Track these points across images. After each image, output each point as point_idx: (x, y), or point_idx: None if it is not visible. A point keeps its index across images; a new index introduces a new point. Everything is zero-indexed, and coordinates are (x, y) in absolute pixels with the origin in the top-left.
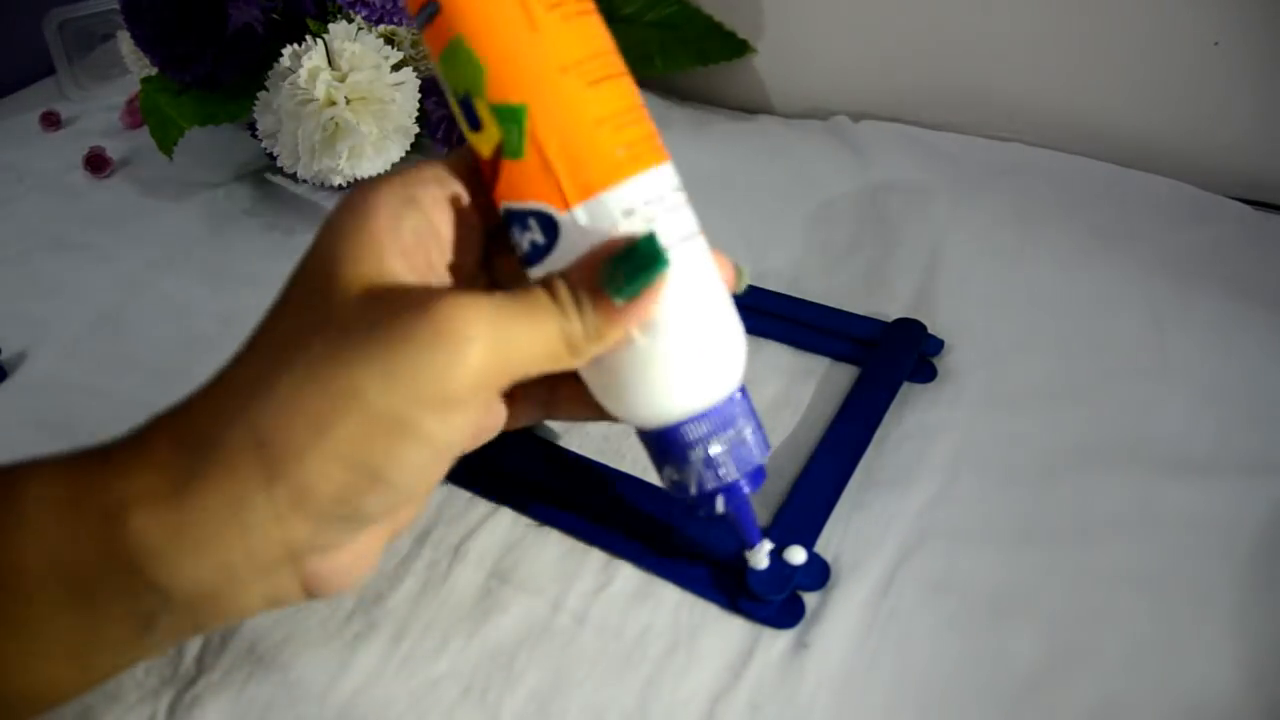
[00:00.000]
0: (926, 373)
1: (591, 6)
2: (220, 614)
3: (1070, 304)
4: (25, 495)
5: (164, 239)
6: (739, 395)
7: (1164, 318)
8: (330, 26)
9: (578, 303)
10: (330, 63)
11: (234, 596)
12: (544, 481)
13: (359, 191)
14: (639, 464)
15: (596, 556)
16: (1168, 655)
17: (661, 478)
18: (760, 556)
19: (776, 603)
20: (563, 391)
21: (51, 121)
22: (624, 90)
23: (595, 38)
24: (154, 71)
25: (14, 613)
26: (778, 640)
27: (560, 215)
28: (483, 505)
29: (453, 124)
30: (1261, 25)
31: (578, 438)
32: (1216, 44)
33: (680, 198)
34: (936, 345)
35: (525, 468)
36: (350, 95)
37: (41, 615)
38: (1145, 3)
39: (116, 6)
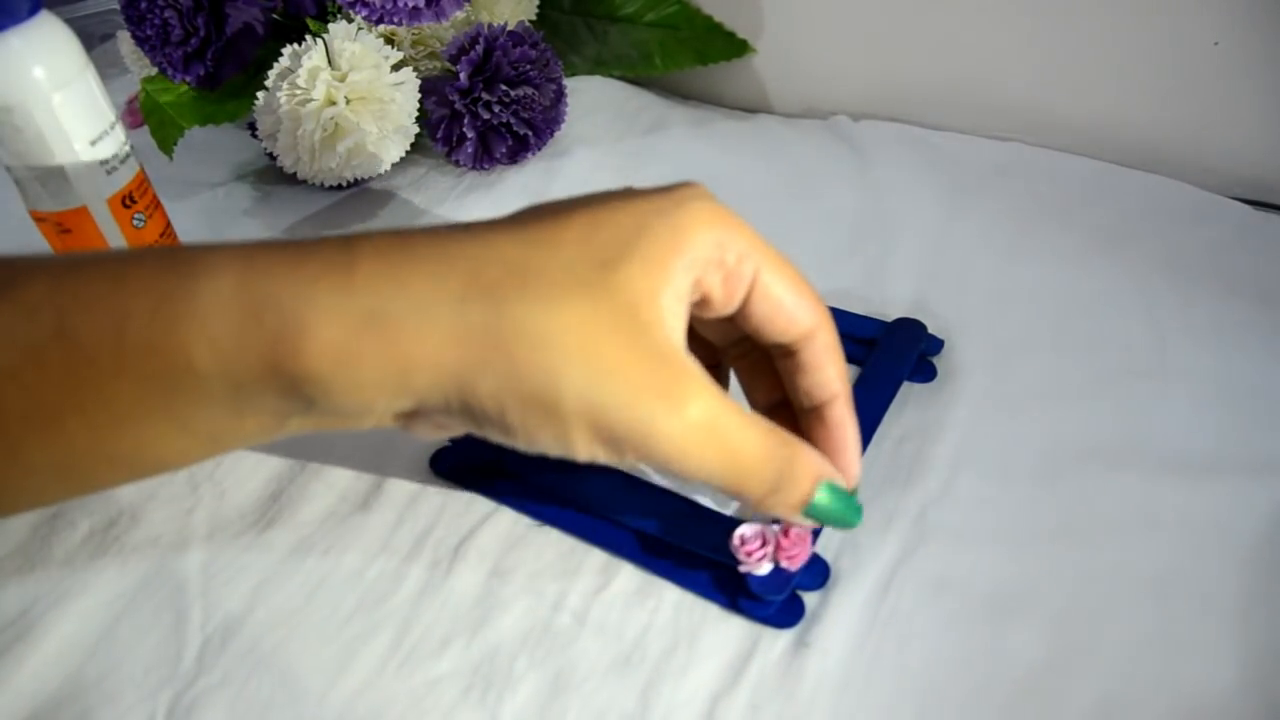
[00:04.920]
0: (926, 373)
1: None
2: (352, 425)
3: (1070, 304)
4: (201, 288)
5: None
6: None
7: (1164, 318)
8: (330, 26)
9: (781, 472)
10: (330, 63)
11: (371, 418)
12: (544, 481)
13: (683, 213)
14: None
15: (596, 556)
16: (1168, 655)
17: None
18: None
19: (776, 603)
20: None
21: None
22: None
23: None
24: (154, 71)
25: (173, 403)
26: (778, 640)
27: None
28: (483, 505)
29: (452, 124)
30: (1261, 25)
31: None
32: (1216, 44)
33: None
34: (936, 345)
35: (525, 468)
36: (350, 95)
37: (198, 405)
38: (1145, 3)
39: (116, 6)
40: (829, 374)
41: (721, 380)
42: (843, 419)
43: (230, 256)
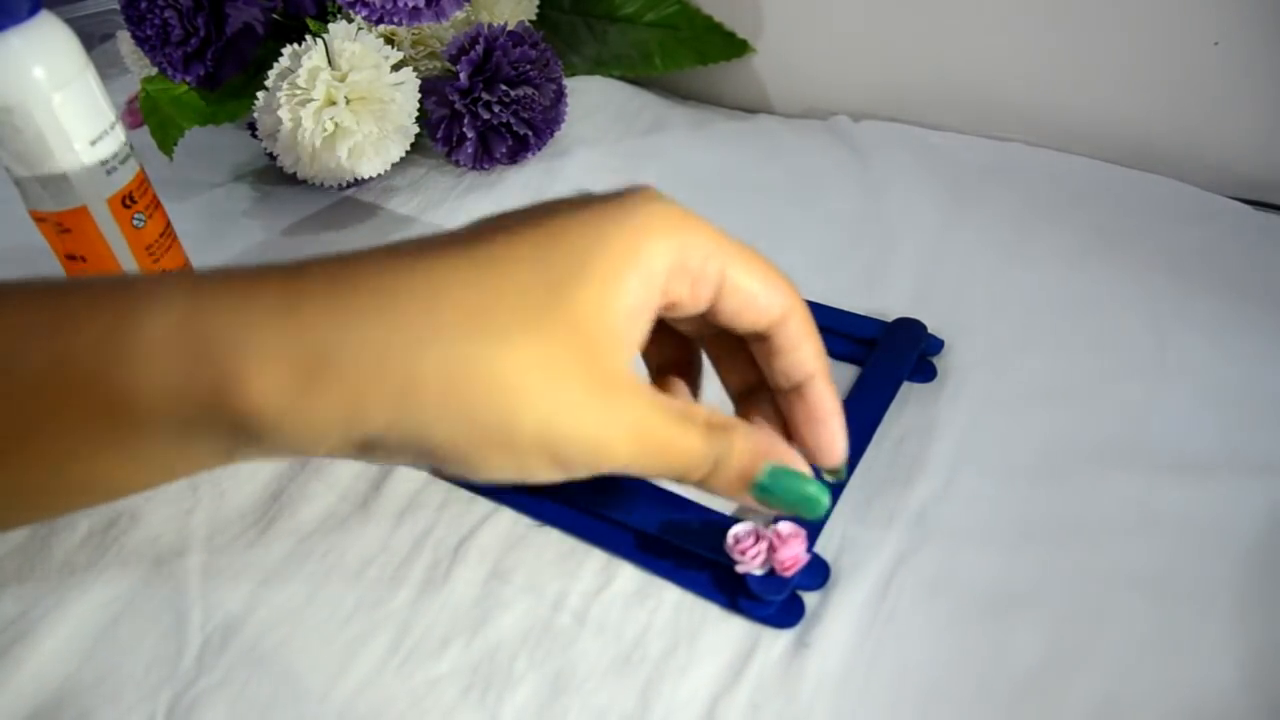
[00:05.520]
0: (926, 372)
1: None
2: (297, 455)
3: (1070, 304)
4: (145, 323)
5: None
6: None
7: (1164, 318)
8: (330, 26)
9: (719, 455)
10: (330, 63)
11: (323, 449)
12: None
13: (640, 224)
14: None
15: (596, 556)
16: (1168, 655)
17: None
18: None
19: (776, 603)
20: None
21: None
22: None
23: None
24: (154, 71)
25: (122, 438)
26: (778, 640)
27: None
28: (483, 505)
29: (452, 124)
30: (1261, 25)
31: None
32: (1216, 44)
33: None
34: (936, 345)
35: None
36: (350, 95)
37: (146, 440)
38: (1145, 3)
39: (116, 6)
40: (804, 353)
41: (695, 369)
42: (822, 394)
43: (176, 290)
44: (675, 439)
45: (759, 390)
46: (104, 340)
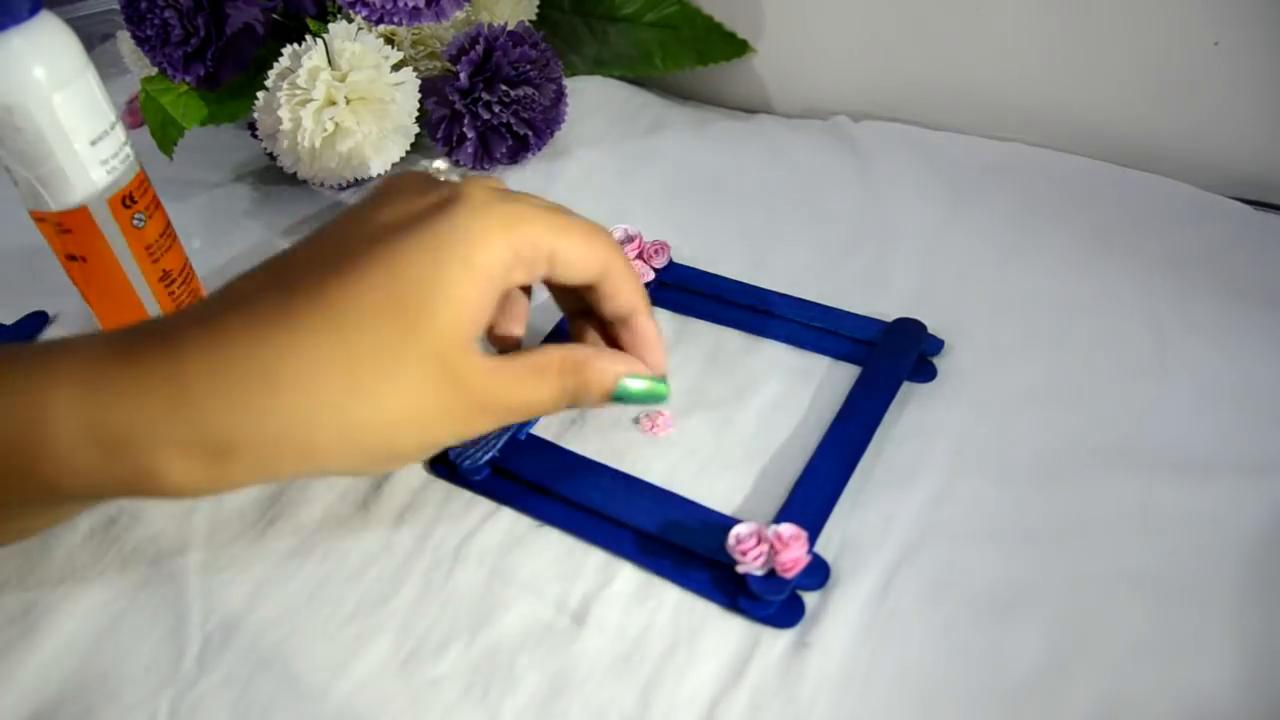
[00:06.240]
0: (926, 373)
1: None
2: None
3: (1070, 304)
4: (56, 426)
5: None
6: None
7: (1164, 317)
8: (330, 26)
9: (577, 384)
10: (330, 63)
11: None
12: (544, 481)
13: (473, 237)
14: (639, 464)
15: (596, 556)
16: (1167, 655)
17: None
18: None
19: (776, 603)
20: None
21: None
22: None
23: None
24: (154, 71)
25: (41, 501)
26: (778, 640)
27: None
28: (483, 505)
29: (452, 124)
30: (1261, 25)
31: (578, 438)
32: (1217, 44)
33: None
34: (936, 345)
35: (525, 468)
36: (350, 95)
37: (66, 503)
38: (1145, 3)
39: (116, 6)
40: (626, 295)
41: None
42: (645, 326)
43: (62, 381)
44: (531, 393)
45: (587, 312)
46: (22, 436)
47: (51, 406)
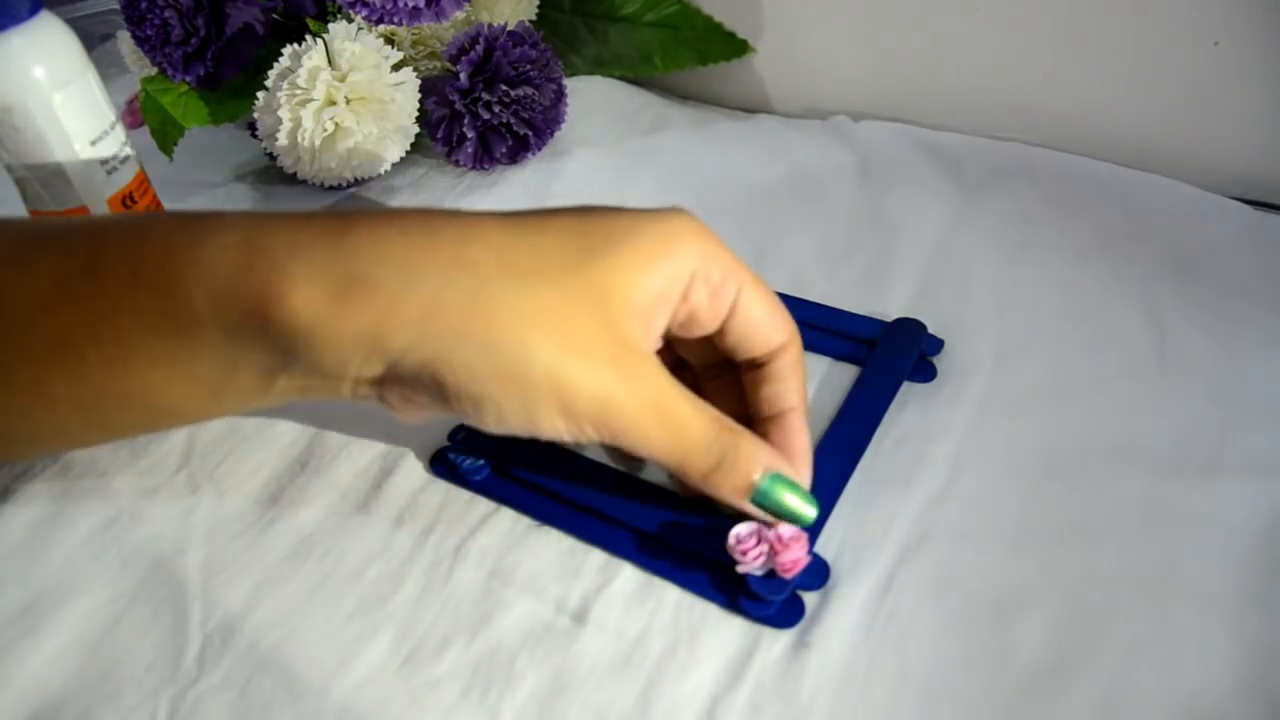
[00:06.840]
0: (926, 373)
1: None
2: (332, 390)
3: (1070, 304)
4: (209, 241)
5: None
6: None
7: (1164, 318)
8: (330, 26)
9: (724, 453)
10: (330, 63)
11: (346, 383)
12: (544, 481)
13: (676, 226)
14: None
15: (596, 556)
16: (1168, 655)
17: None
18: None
19: (776, 603)
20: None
21: None
22: None
23: None
24: (154, 71)
25: (175, 346)
26: (778, 640)
27: None
28: (483, 505)
29: (452, 124)
30: (1261, 25)
31: None
32: (1216, 44)
33: None
34: (936, 345)
35: (525, 468)
36: (350, 95)
37: (196, 350)
38: (1146, 3)
39: (116, 6)
40: (791, 386)
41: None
42: (798, 428)
43: (240, 218)
44: (688, 416)
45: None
46: (171, 253)
47: (212, 230)
